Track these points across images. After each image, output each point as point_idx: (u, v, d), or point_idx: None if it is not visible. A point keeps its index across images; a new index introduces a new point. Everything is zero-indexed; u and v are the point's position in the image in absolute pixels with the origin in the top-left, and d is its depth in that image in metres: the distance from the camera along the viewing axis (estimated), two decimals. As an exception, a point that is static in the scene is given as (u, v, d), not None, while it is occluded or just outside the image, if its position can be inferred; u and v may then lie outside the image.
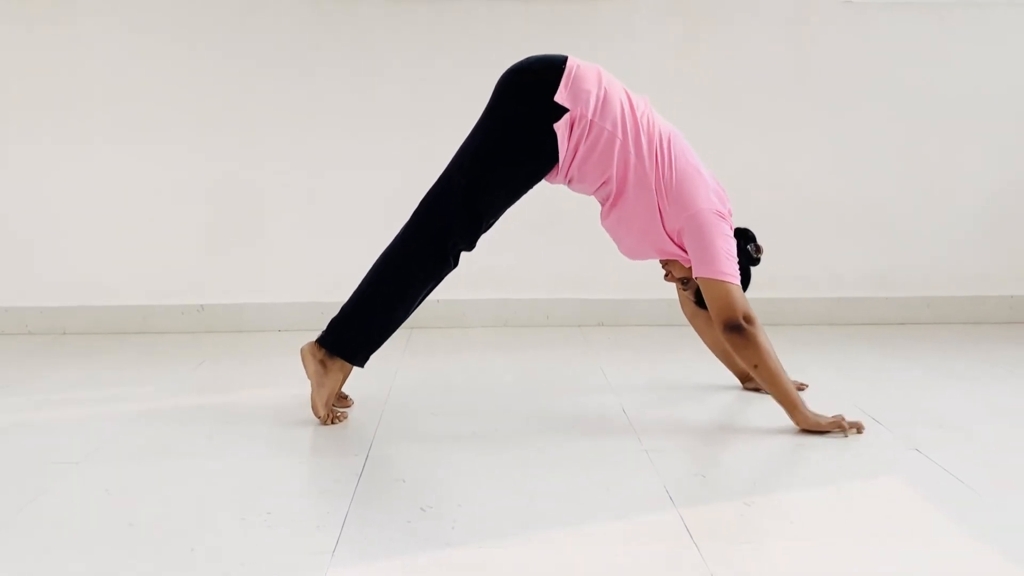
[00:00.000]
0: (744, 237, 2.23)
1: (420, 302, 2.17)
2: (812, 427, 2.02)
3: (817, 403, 2.14)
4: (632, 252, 2.26)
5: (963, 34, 3.24)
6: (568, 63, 2.08)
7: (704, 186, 2.11)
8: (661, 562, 1.44)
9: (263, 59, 3.21)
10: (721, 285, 2.04)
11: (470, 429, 2.11)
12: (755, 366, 2.04)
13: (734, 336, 2.03)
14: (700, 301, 2.20)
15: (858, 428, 2.02)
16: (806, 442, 2.00)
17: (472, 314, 3.32)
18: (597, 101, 2.05)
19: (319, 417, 2.14)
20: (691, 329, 2.50)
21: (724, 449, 1.99)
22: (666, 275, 2.30)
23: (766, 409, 2.19)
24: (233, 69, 3.21)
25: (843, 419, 2.02)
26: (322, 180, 3.27)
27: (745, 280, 2.20)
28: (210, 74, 3.21)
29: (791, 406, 2.04)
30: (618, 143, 2.06)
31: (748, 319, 2.04)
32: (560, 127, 2.03)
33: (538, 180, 2.14)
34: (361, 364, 2.17)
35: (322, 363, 2.13)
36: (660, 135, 2.11)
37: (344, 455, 1.94)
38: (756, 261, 2.25)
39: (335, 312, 2.18)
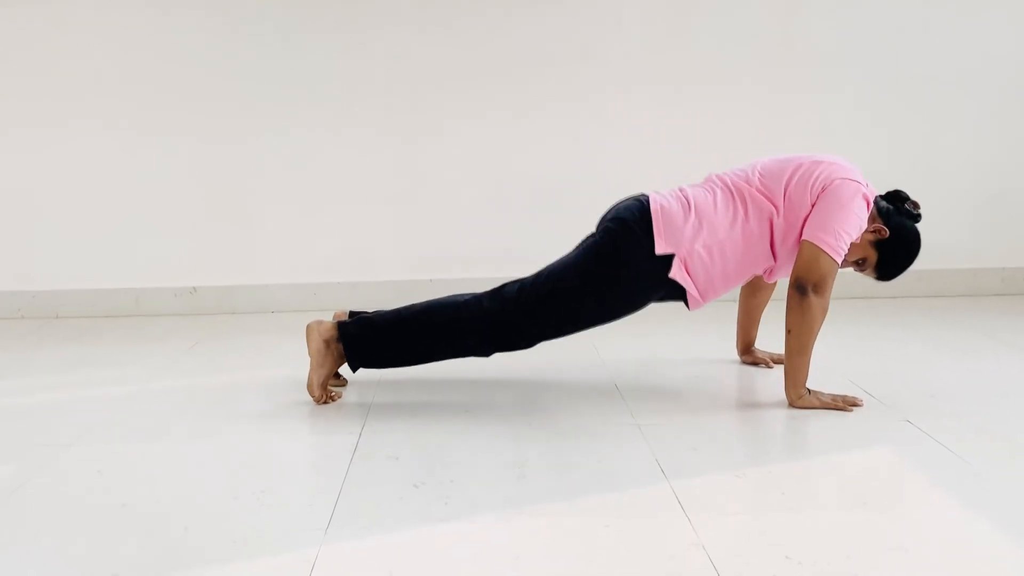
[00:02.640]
0: (898, 198, 2.18)
1: (442, 360, 2.22)
2: (804, 407, 2.04)
3: (810, 375, 2.15)
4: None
5: (953, 9, 3.22)
6: (652, 206, 2.07)
7: (829, 163, 2.07)
8: (653, 534, 1.44)
9: (252, 41, 3.18)
10: (819, 250, 2.01)
11: (462, 406, 2.12)
12: (789, 331, 2.03)
13: (795, 295, 2.02)
14: (881, 273, 2.16)
15: (854, 403, 2.04)
16: (798, 414, 2.01)
17: (465, 292, 3.31)
18: (694, 227, 2.04)
19: (314, 396, 2.14)
20: (681, 306, 2.41)
21: (716, 422, 1.99)
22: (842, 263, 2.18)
23: (758, 383, 2.20)
24: (222, 52, 3.19)
25: (840, 401, 2.04)
26: (312, 161, 3.26)
27: (916, 242, 2.13)
28: (199, 57, 3.19)
29: (793, 383, 2.05)
30: (739, 234, 2.06)
31: (818, 290, 2.01)
32: (677, 274, 2.05)
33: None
34: (354, 369, 2.19)
35: (327, 343, 2.13)
36: (755, 178, 2.10)
37: (337, 433, 1.94)
38: (918, 217, 2.17)
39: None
